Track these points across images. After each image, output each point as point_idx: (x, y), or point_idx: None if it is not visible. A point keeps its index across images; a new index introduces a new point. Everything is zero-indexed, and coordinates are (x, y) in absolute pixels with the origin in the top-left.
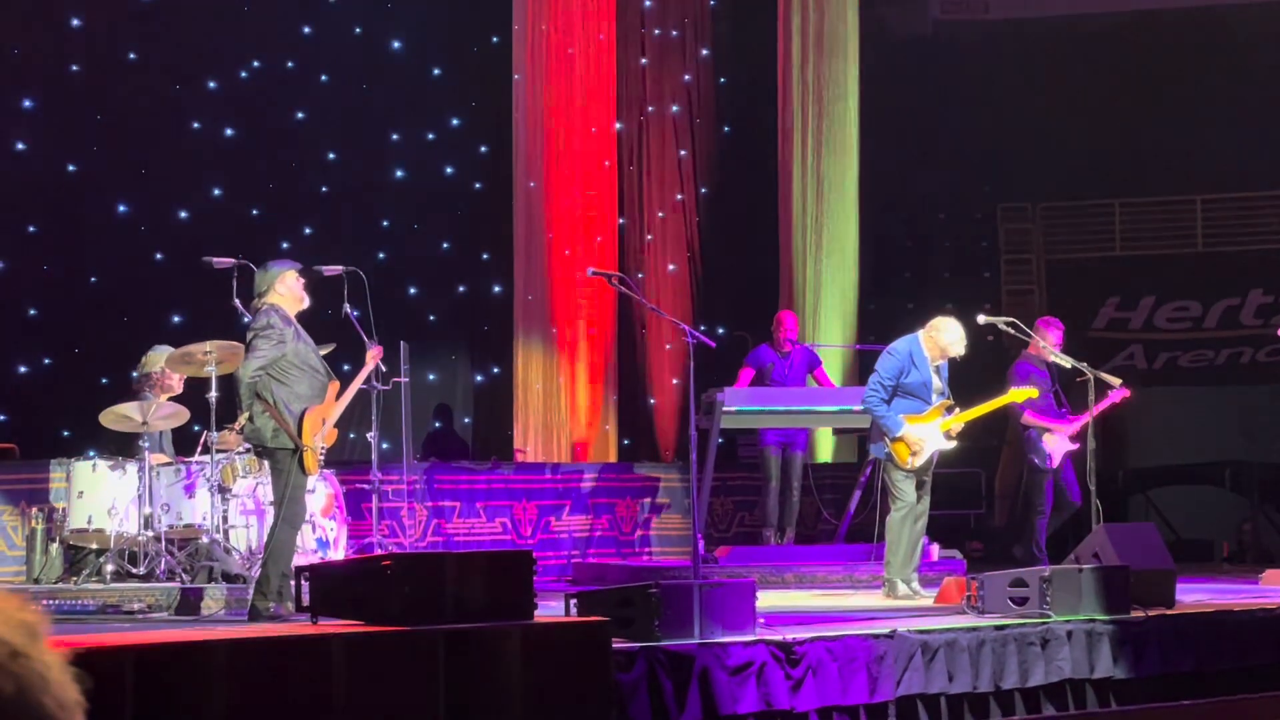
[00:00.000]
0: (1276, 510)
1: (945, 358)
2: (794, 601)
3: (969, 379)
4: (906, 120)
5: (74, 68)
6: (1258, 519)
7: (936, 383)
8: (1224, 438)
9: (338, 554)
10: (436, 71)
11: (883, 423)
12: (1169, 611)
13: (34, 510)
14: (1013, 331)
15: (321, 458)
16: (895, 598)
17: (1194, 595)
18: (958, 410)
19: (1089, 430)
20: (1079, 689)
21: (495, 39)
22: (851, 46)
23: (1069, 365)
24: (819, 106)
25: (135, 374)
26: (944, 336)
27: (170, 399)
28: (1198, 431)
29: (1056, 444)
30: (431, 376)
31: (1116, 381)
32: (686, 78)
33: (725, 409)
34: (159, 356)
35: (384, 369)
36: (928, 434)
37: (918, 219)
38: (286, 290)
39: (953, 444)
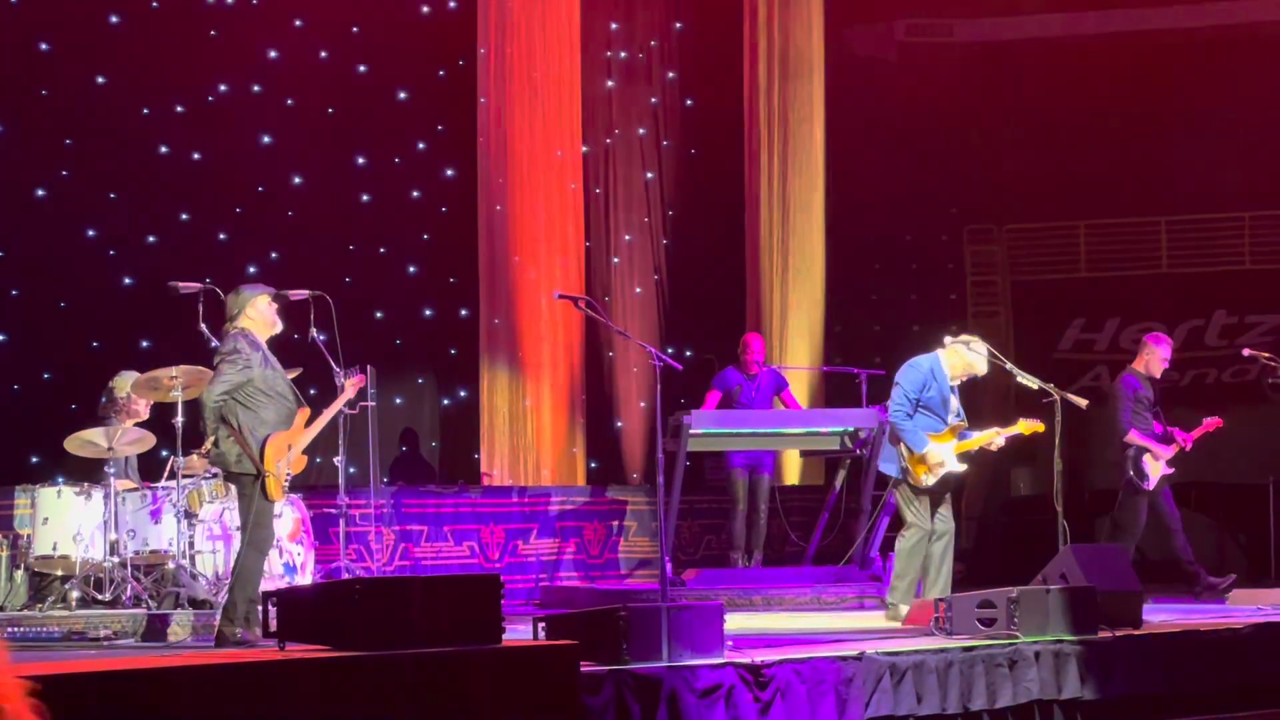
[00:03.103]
0: (1241, 530)
1: (966, 376)
2: (762, 624)
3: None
4: (872, 143)
5: (43, 92)
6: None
7: (954, 402)
8: (1189, 459)
9: (305, 579)
10: (402, 95)
11: (907, 438)
12: (1136, 632)
13: None
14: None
15: (286, 483)
16: (897, 621)
17: (1161, 615)
18: (973, 434)
19: (1057, 451)
20: (1047, 710)
21: (461, 62)
22: (817, 69)
23: (1035, 386)
24: (785, 129)
25: (103, 399)
26: (971, 354)
27: (136, 424)
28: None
29: (1155, 464)
30: (398, 400)
31: (1082, 402)
32: (653, 100)
33: (692, 432)
34: (125, 382)
35: (352, 398)
36: (945, 454)
37: (883, 241)
38: (258, 315)
39: (964, 467)
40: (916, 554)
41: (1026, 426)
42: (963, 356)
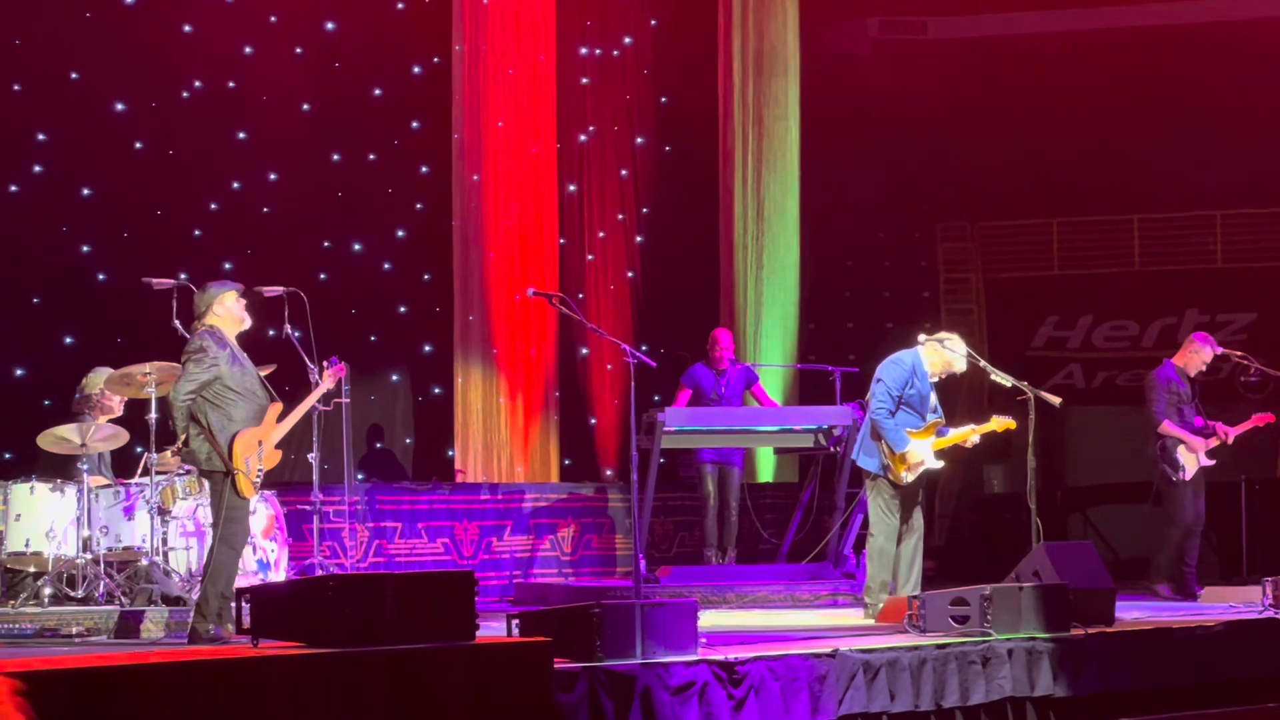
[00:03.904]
0: (1213, 528)
1: (946, 373)
2: (736, 621)
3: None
4: (845, 140)
5: (16, 87)
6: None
7: (933, 399)
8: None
9: (279, 575)
10: (377, 92)
11: (888, 435)
12: (1108, 629)
13: None
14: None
15: (258, 480)
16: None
17: (1133, 613)
18: (949, 432)
19: (1030, 449)
20: (1020, 707)
21: (436, 59)
22: (792, 66)
23: (1009, 383)
24: (760, 126)
25: (76, 395)
26: (951, 351)
27: (109, 420)
28: (1135, 450)
29: (1190, 457)
30: (373, 397)
31: (1056, 400)
32: (628, 97)
33: (666, 429)
34: (98, 378)
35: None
36: (924, 452)
37: (857, 238)
38: (225, 311)
39: (941, 464)
40: (888, 551)
41: (1000, 423)
42: (942, 354)
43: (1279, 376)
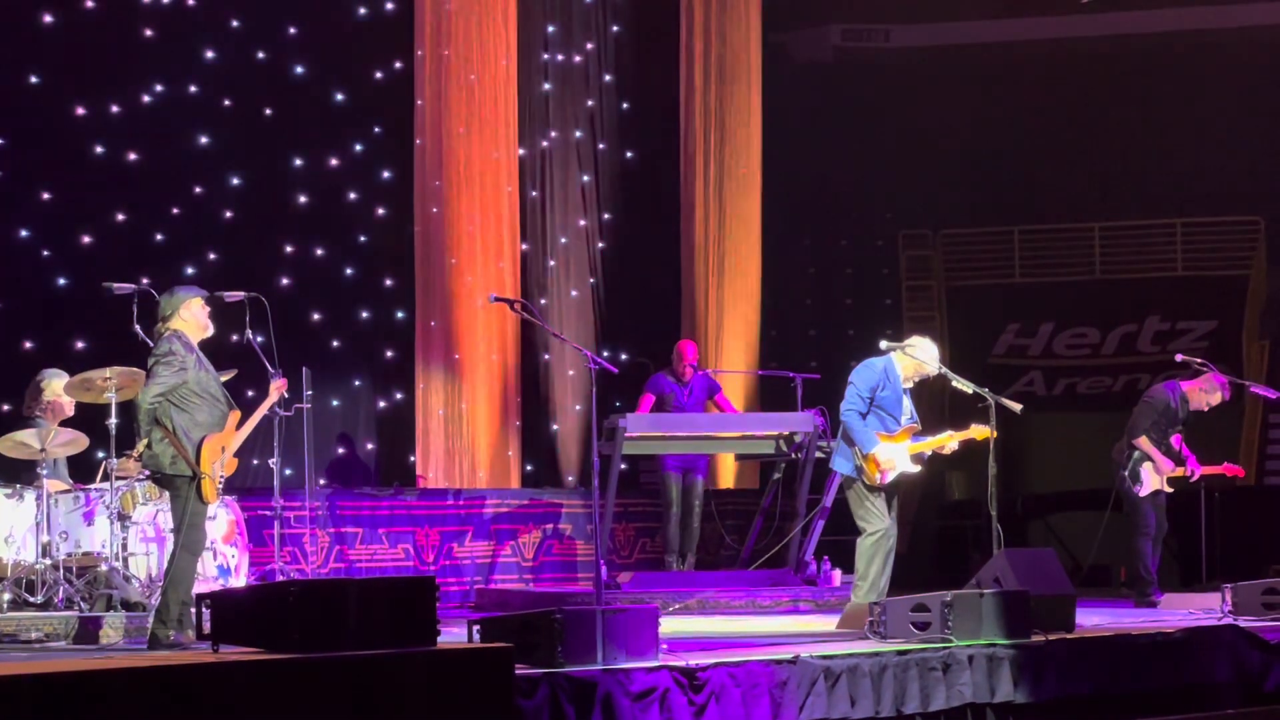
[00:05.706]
0: (1172, 535)
1: (919, 377)
2: (697, 627)
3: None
4: (808, 147)
5: None
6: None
7: (907, 403)
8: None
9: (239, 581)
10: (339, 97)
11: (857, 436)
12: (1068, 635)
13: None
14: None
15: (220, 485)
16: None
17: (1093, 619)
18: (926, 437)
19: (991, 455)
20: (980, 713)
21: (398, 64)
22: (754, 73)
23: (970, 390)
24: (721, 133)
25: (27, 397)
26: (920, 354)
27: (61, 423)
28: (1096, 457)
29: (1154, 477)
30: (335, 402)
31: (1017, 407)
32: (590, 103)
33: (627, 435)
34: (55, 381)
35: (286, 396)
36: (897, 455)
37: (819, 246)
38: (190, 317)
39: (918, 469)
40: (877, 553)
41: (979, 431)
42: (913, 359)
43: (1239, 384)
